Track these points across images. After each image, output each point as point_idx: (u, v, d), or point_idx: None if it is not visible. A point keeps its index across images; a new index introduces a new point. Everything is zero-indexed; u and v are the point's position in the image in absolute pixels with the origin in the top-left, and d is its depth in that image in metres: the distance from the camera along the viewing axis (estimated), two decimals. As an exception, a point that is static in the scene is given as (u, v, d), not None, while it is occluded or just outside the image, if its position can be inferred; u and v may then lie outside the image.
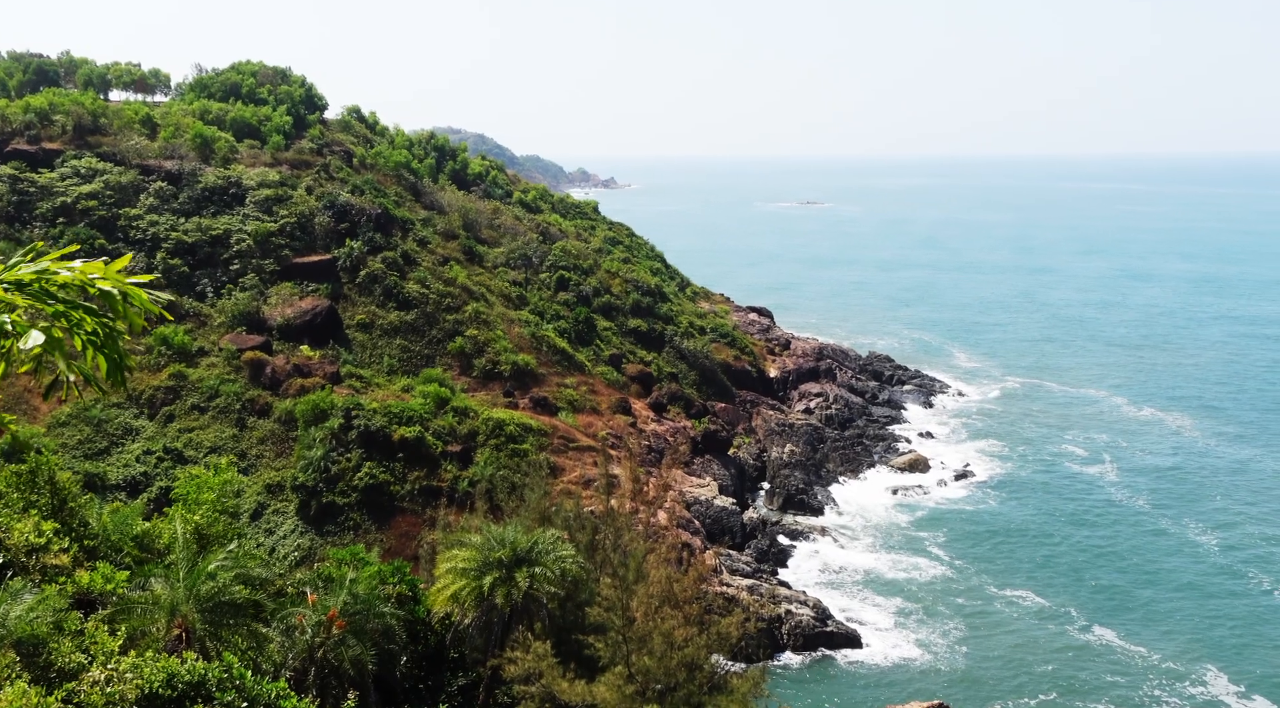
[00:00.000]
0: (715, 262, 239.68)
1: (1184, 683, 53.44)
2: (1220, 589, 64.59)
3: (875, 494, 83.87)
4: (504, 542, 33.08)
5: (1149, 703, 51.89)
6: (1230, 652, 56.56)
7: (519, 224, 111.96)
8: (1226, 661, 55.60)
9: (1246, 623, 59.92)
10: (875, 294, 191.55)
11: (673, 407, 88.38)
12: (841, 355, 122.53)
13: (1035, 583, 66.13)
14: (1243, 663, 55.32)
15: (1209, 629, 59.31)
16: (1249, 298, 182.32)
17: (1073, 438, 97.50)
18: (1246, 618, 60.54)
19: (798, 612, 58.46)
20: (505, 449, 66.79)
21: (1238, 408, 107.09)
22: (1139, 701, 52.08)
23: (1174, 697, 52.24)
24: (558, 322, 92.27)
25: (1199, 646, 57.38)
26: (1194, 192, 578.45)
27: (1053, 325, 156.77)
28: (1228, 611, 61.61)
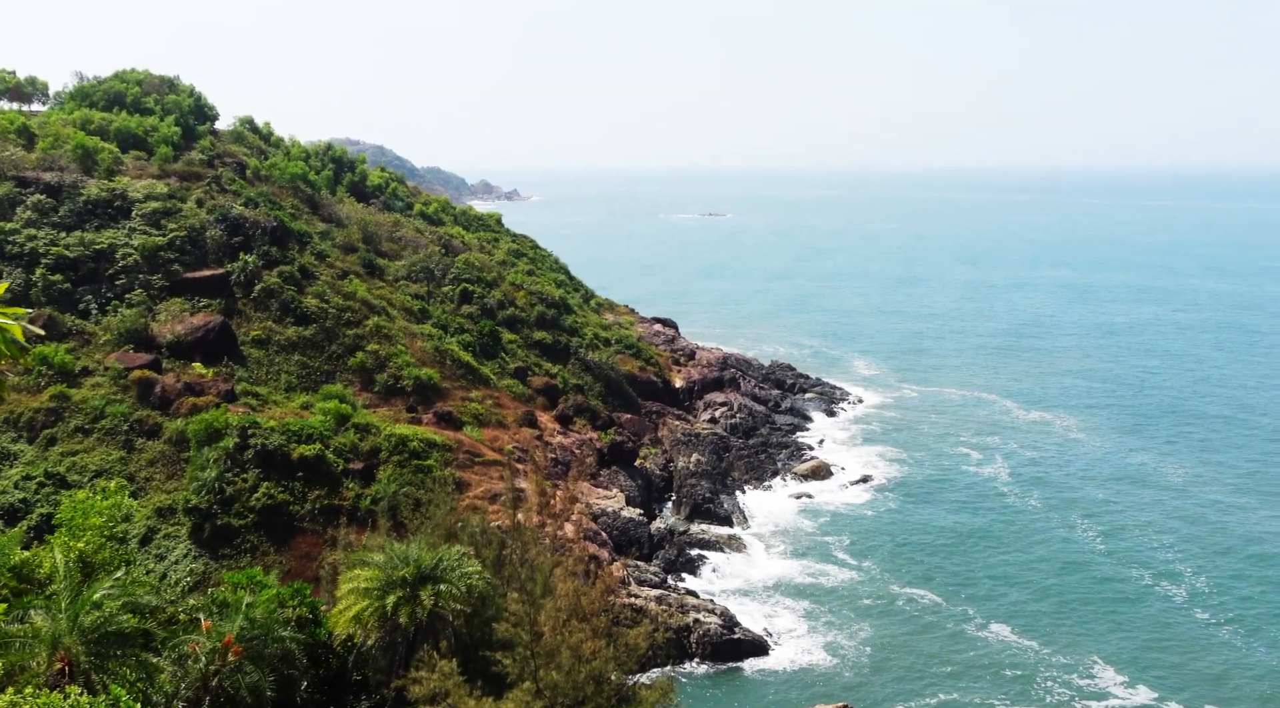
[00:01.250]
0: (620, 273, 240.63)
1: (1073, 675, 55.57)
2: (1104, 584, 67.41)
3: (780, 501, 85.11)
4: (408, 560, 32.53)
5: (1042, 696, 53.80)
6: (1115, 643, 59.06)
7: (420, 237, 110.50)
8: (1112, 652, 58.04)
9: (1129, 616, 62.68)
10: (774, 303, 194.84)
11: (579, 419, 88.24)
12: (745, 365, 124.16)
13: (934, 582, 67.99)
14: (1126, 654, 57.83)
15: (1095, 622, 61.84)
16: (1127, 304, 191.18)
17: (967, 441, 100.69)
18: (1129, 611, 63.32)
19: (705, 621, 58.88)
20: (409, 466, 65.68)
21: (1118, 410, 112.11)
22: (1033, 694, 53.95)
23: (1064, 689, 54.28)
24: (462, 335, 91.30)
25: (1086, 638, 59.76)
26: (1074, 202, 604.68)
27: (947, 333, 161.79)
28: (1112, 604, 64.34)
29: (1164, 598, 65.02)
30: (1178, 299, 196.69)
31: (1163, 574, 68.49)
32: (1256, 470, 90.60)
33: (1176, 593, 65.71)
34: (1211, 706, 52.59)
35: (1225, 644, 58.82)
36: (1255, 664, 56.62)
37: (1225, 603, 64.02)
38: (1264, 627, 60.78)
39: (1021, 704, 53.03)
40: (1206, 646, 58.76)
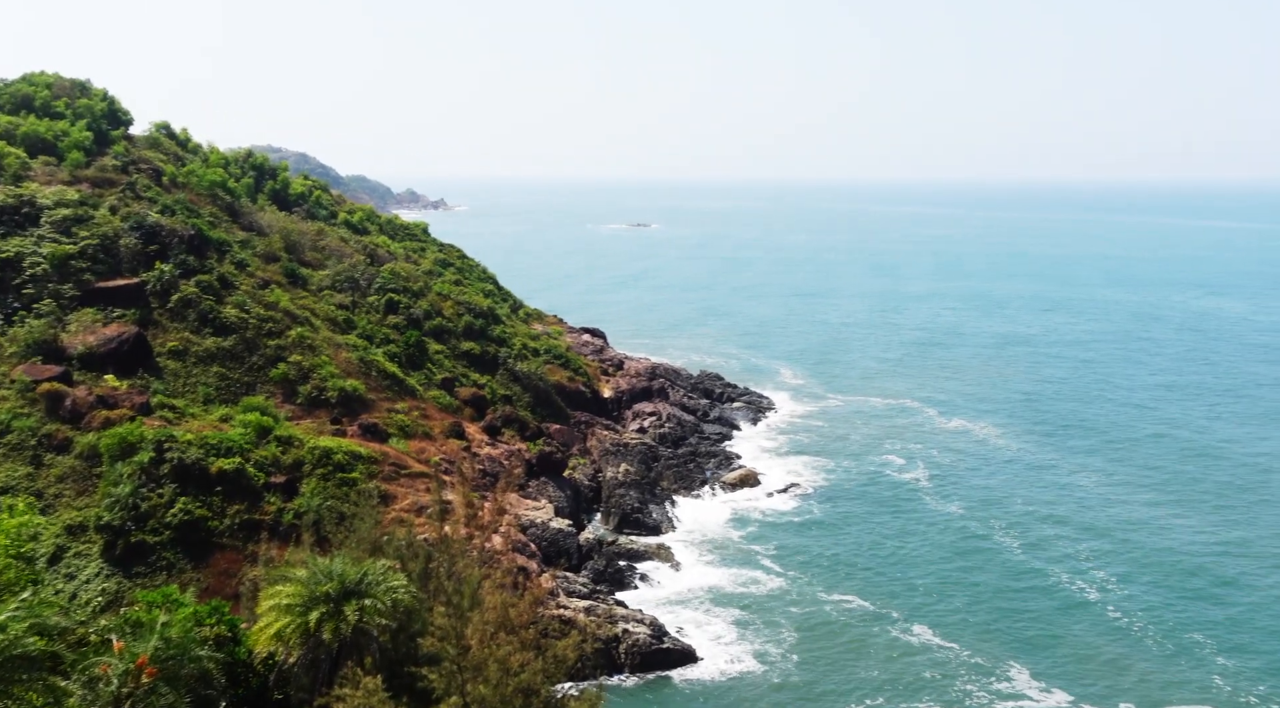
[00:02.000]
0: (549, 283, 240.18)
1: (991, 678, 56.88)
2: (1021, 587, 69.19)
3: (709, 510, 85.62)
4: (331, 575, 31.95)
5: (961, 699, 54.94)
6: (1032, 647, 60.62)
7: (345, 246, 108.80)
8: (1028, 655, 59.55)
9: (1046, 619, 64.40)
10: (699, 313, 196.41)
11: (507, 429, 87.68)
12: (674, 374, 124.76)
13: (860, 588, 69.05)
14: (1042, 657, 59.39)
15: (1013, 625, 63.41)
16: (1034, 314, 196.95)
17: (890, 448, 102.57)
18: (1046, 614, 65.07)
19: (635, 631, 58.87)
20: (333, 479, 64.50)
21: (1032, 417, 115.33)
22: (953, 697, 55.07)
23: (983, 692, 55.52)
24: (388, 346, 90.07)
25: (1004, 641, 61.24)
26: (977, 215, 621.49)
27: (869, 343, 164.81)
28: (1029, 607, 66.05)
29: (1077, 600, 66.95)
30: (1084, 310, 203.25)
31: (1076, 576, 70.54)
32: (1163, 475, 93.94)
33: (1089, 594, 67.74)
34: (1127, 702, 54.23)
35: (1136, 644, 60.76)
36: (1165, 663, 58.60)
37: (1135, 604, 66.17)
38: (1173, 626, 62.96)
39: (940, 706, 54.06)
40: (1118, 646, 60.65)
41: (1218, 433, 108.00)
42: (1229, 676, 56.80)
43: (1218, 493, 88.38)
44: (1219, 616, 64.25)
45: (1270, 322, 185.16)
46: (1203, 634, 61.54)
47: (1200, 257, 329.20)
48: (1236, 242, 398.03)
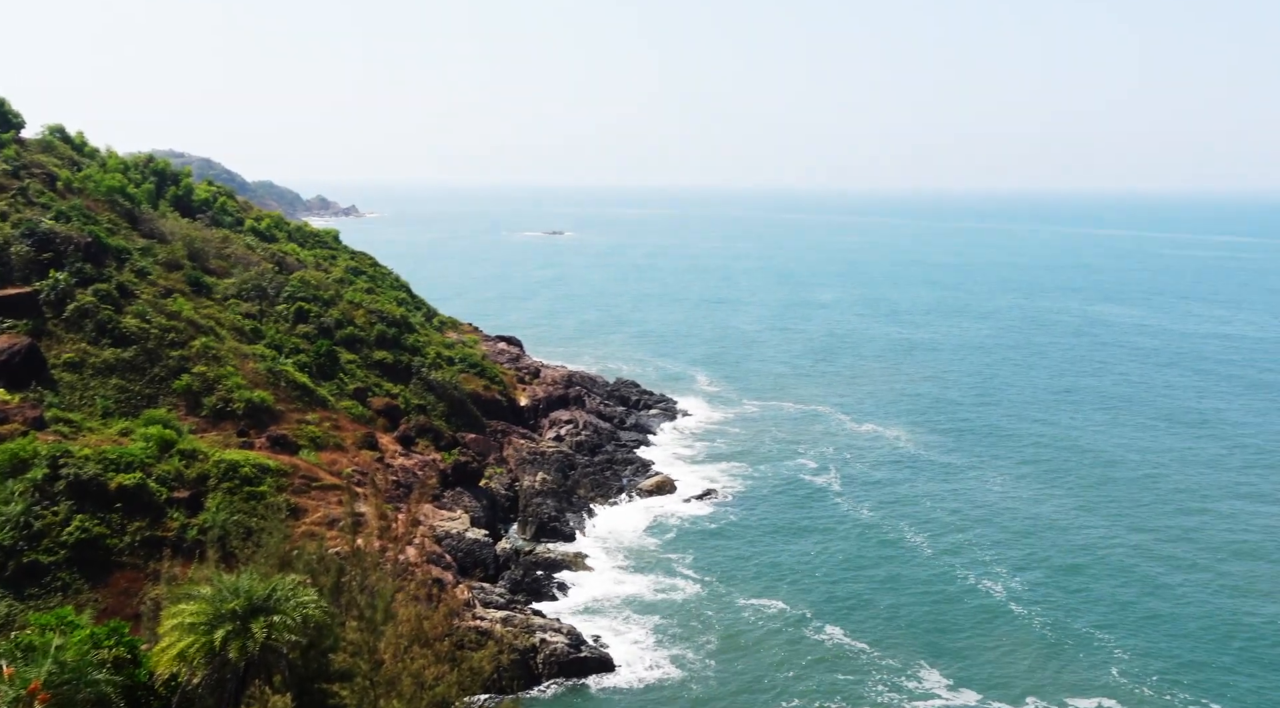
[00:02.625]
0: (464, 291, 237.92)
1: (902, 678, 58.14)
2: (932, 587, 70.94)
3: (626, 518, 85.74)
4: (238, 591, 31.03)
5: (874, 699, 56.03)
6: (941, 645, 62.16)
7: (252, 254, 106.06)
8: (938, 654, 61.05)
9: (954, 618, 66.11)
10: (613, 320, 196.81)
11: (421, 440, 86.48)
12: (590, 382, 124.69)
13: (775, 591, 69.90)
14: (951, 656, 60.95)
15: (923, 625, 64.95)
16: (938, 320, 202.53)
17: (804, 452, 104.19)
18: (954, 613, 66.80)
19: (552, 640, 58.57)
20: (240, 492, 62.69)
21: (941, 421, 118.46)
22: (864, 697, 56.13)
23: (894, 692, 56.71)
24: (297, 355, 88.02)
25: (915, 641, 62.68)
26: (884, 222, 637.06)
27: (782, 349, 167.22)
28: (939, 607, 67.73)
29: (984, 599, 68.89)
30: (983, 315, 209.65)
31: (983, 576, 72.59)
32: (1063, 476, 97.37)
33: (995, 593, 69.76)
34: (1033, 697, 55.95)
35: (1039, 640, 62.78)
36: (1067, 659, 60.66)
37: (1038, 602, 68.38)
38: (1074, 623, 65.22)
39: (853, 706, 55.04)
40: (1022, 643, 62.58)
41: (1113, 436, 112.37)
42: (1126, 669, 59.07)
43: (1114, 493, 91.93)
44: (1118, 612, 66.77)
45: (1158, 327, 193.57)
46: (1102, 630, 63.87)
47: (1094, 265, 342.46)
48: (1129, 249, 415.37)
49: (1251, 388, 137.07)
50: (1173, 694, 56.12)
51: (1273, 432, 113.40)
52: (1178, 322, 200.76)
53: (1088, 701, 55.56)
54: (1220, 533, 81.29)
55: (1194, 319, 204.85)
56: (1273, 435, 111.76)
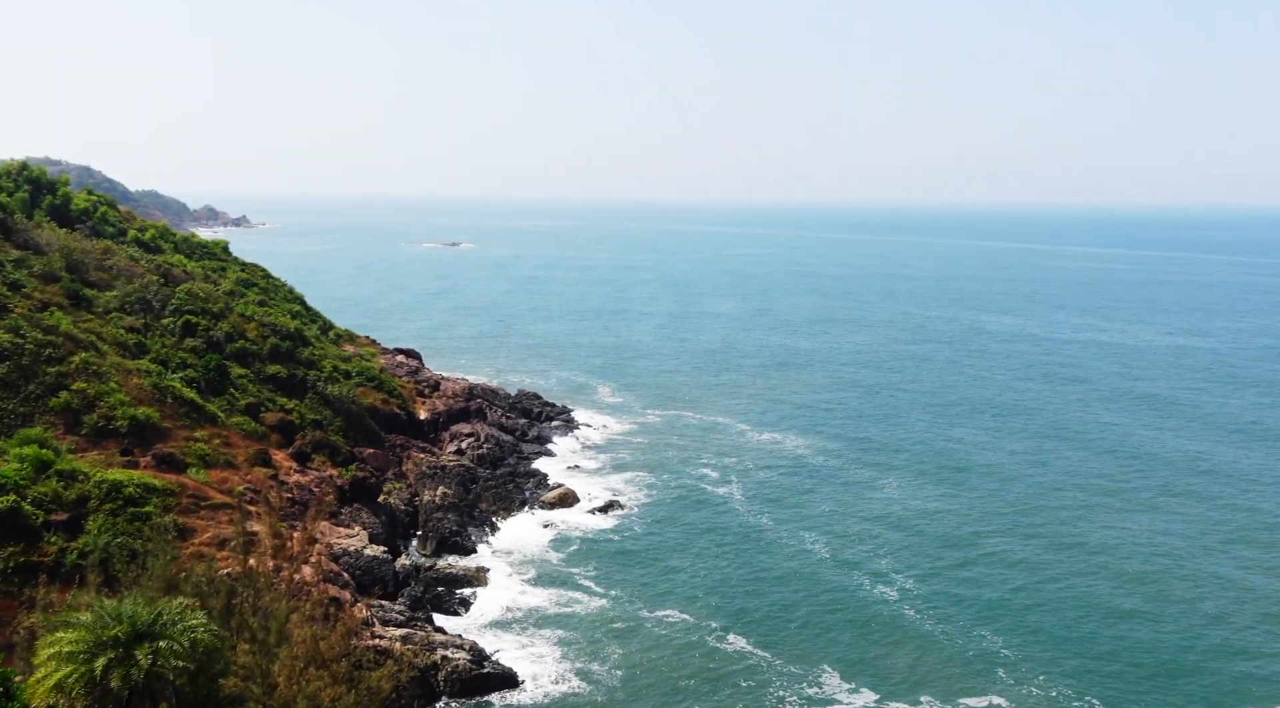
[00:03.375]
0: (361, 304, 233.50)
1: (804, 683, 59.10)
2: (832, 593, 72.33)
3: (529, 531, 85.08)
4: (120, 617, 29.74)
5: (777, 704, 56.79)
6: (841, 650, 63.40)
7: (136, 265, 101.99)
8: (838, 658, 62.25)
9: (853, 622, 67.53)
10: (517, 333, 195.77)
11: (317, 455, 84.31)
12: (491, 395, 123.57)
13: (679, 602, 70.27)
14: (849, 658, 62.24)
15: (824, 630, 66.15)
16: (821, 330, 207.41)
17: (706, 462, 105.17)
18: (853, 618, 68.23)
19: (454, 657, 57.67)
20: (123, 514, 60.01)
21: (840, 429, 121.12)
22: (767, 702, 56.85)
23: (796, 697, 57.61)
24: (185, 371, 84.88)
25: (816, 646, 63.80)
26: (780, 234, 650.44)
27: (681, 360, 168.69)
28: (838, 612, 69.09)
29: (881, 603, 70.57)
30: (873, 325, 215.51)
31: (879, 581, 74.37)
32: (955, 480, 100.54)
33: (891, 597, 71.53)
34: (927, 697, 57.49)
35: (933, 642, 64.58)
36: (959, 659, 62.55)
37: (932, 604, 70.38)
38: (966, 624, 67.30)
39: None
40: (917, 644, 64.28)
41: (1001, 442, 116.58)
42: (1012, 667, 61.19)
43: (1002, 497, 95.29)
44: (1006, 612, 69.08)
45: (1044, 334, 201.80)
46: (992, 631, 66.03)
47: (977, 275, 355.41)
48: (1011, 261, 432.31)
49: (1128, 398, 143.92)
50: (1057, 690, 58.34)
51: (1149, 438, 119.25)
52: (1055, 330, 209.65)
53: (978, 699, 57.33)
54: (1099, 535, 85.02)
55: (1070, 328, 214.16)
56: (1148, 441, 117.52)
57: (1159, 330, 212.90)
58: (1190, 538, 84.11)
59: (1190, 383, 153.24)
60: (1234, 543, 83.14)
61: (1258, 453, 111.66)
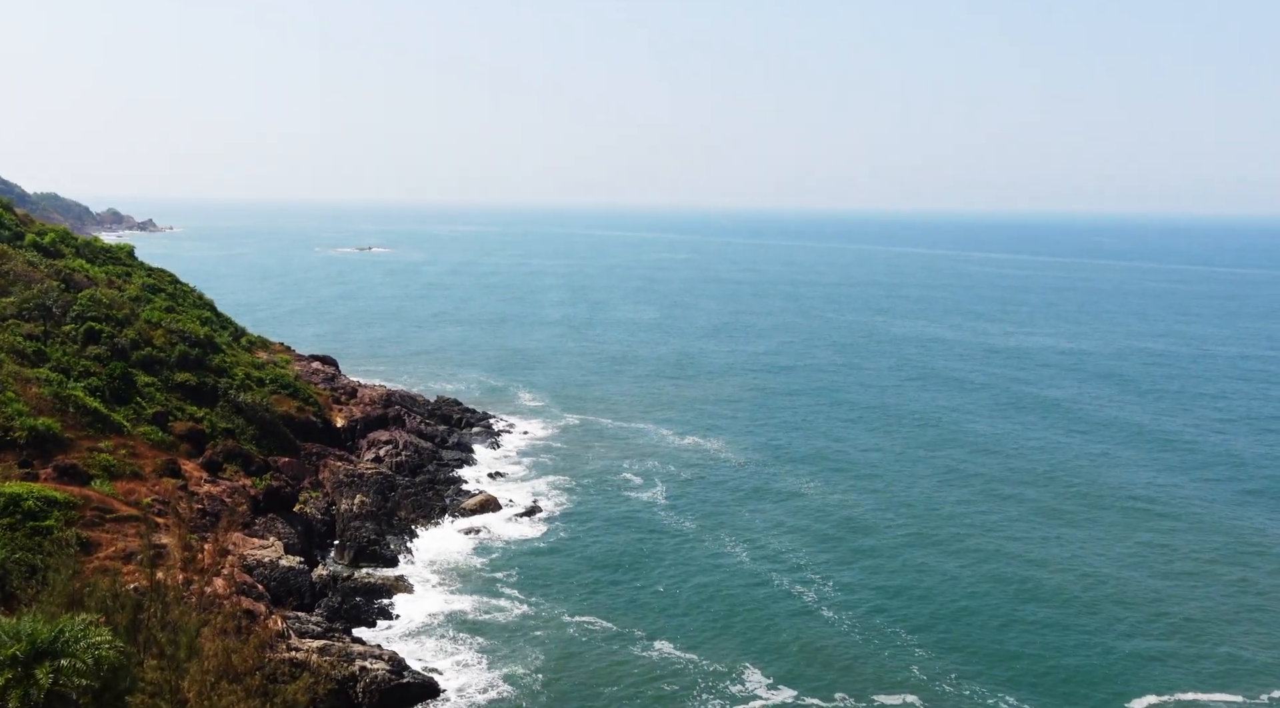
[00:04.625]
0: (275, 310, 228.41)
1: (726, 683, 59.55)
2: (753, 595, 73.04)
3: (449, 539, 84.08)
4: (18, 635, 28.54)
5: (697, 704, 57.12)
6: (762, 650, 64.03)
7: (34, 270, 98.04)
8: (759, 658, 62.85)
9: (773, 623, 68.27)
10: (439, 341, 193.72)
11: (229, 465, 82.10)
12: (410, 401, 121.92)
13: (604, 608, 70.17)
14: (771, 659, 62.86)
15: (745, 631, 66.72)
16: (758, 338, 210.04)
17: (628, 467, 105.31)
18: (773, 619, 68.98)
19: (372, 667, 56.63)
20: (22, 528, 57.52)
21: (760, 434, 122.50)
22: (690, 703, 57.15)
23: (719, 698, 58.01)
24: (88, 379, 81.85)
25: (738, 647, 64.32)
26: (709, 239, 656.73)
27: (602, 364, 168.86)
28: (759, 613, 69.79)
29: (800, 603, 71.52)
30: (782, 330, 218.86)
31: (798, 581, 75.37)
32: (872, 483, 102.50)
33: (809, 597, 72.53)
34: (841, 693, 58.44)
35: (848, 640, 65.64)
36: (873, 655, 63.76)
37: (849, 603, 71.55)
38: (881, 623, 68.61)
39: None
40: (834, 643, 65.28)
41: (920, 444, 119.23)
42: (925, 665, 62.53)
43: (918, 500, 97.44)
44: (920, 614, 70.45)
45: (959, 340, 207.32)
46: (905, 631, 67.28)
47: (881, 280, 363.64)
48: (911, 265, 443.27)
49: (1029, 402, 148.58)
50: (969, 688, 59.85)
51: (1077, 450, 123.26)
52: (973, 335, 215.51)
53: (893, 697, 58.49)
54: (1011, 537, 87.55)
55: (984, 334, 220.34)
56: (1070, 452, 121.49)
57: (1052, 334, 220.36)
58: (1096, 540, 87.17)
59: (1096, 388, 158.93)
60: (1133, 541, 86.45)
61: (1157, 451, 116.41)
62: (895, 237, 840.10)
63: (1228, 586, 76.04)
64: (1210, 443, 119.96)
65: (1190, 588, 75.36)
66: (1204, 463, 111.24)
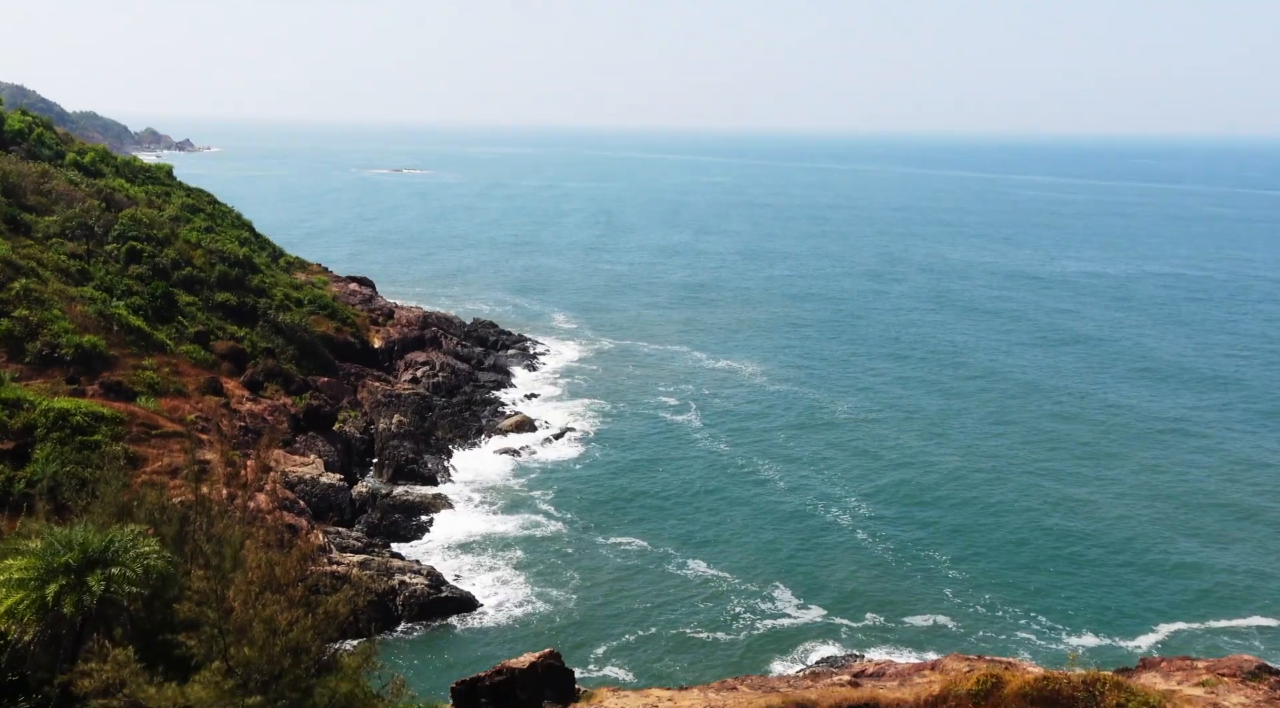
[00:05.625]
0: (312, 230, 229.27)
1: (757, 600, 60.46)
2: (786, 516, 73.65)
3: (486, 459, 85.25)
4: (71, 544, 29.38)
5: (730, 620, 58.12)
6: (793, 571, 64.78)
7: (76, 190, 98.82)
8: (790, 578, 63.63)
9: (806, 545, 68.94)
10: (474, 260, 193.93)
11: (270, 384, 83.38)
12: (446, 323, 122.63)
13: (637, 527, 71.16)
14: (802, 579, 63.63)
15: (777, 552, 67.46)
16: (785, 262, 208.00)
17: (663, 390, 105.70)
18: (806, 540, 69.62)
19: (412, 582, 58.07)
20: (71, 442, 59.13)
21: (795, 358, 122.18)
22: (723, 619, 58.15)
23: (749, 613, 58.96)
24: (131, 298, 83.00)
25: (770, 568, 65.09)
26: (756, 163, 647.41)
27: (635, 288, 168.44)
28: (792, 535, 70.45)
29: (833, 525, 72.06)
30: (838, 257, 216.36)
31: (832, 504, 75.80)
32: (910, 409, 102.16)
33: (843, 520, 73.03)
34: (872, 614, 59.12)
35: (881, 562, 66.20)
36: (906, 578, 64.28)
37: (883, 528, 71.97)
38: (916, 547, 68.99)
39: (711, 630, 56.96)
40: (866, 565, 65.88)
41: (957, 371, 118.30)
42: (958, 587, 62.98)
43: (956, 425, 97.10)
44: (956, 538, 70.72)
45: (998, 265, 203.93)
46: (940, 554, 67.68)
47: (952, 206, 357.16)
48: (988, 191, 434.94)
49: (1083, 341, 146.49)
50: (1002, 610, 60.24)
51: (1120, 385, 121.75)
52: (1015, 262, 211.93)
53: (923, 618, 59.06)
54: (1048, 464, 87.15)
55: (1022, 259, 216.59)
56: (1111, 388, 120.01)
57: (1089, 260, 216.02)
58: (1136, 474, 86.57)
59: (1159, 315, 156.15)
60: (1174, 477, 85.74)
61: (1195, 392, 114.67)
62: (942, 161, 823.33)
63: (1267, 525, 75.44)
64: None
65: (1227, 525, 74.87)
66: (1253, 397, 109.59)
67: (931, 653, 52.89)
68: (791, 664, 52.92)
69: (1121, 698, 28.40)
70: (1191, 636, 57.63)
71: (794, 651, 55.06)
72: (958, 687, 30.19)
